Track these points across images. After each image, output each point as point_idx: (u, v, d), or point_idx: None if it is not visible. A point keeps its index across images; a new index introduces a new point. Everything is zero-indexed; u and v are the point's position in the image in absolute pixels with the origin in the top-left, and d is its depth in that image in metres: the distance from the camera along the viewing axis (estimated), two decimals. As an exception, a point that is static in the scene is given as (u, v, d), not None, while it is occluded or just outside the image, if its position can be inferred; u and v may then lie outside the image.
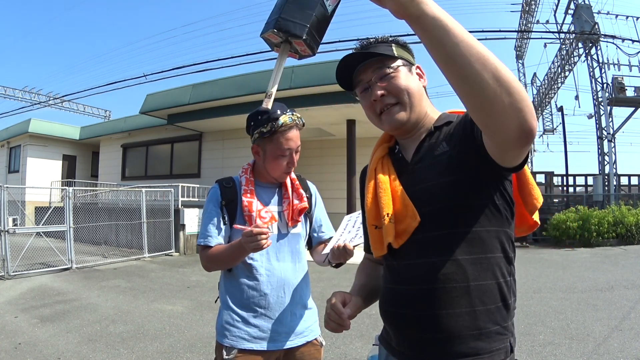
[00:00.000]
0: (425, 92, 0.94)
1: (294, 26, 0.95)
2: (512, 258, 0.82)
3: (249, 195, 1.30)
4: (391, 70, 0.88)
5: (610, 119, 13.35)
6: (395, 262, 0.86)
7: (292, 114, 1.27)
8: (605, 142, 13.19)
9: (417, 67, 0.95)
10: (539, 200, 0.89)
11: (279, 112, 1.24)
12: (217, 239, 1.28)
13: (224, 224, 1.29)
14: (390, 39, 0.94)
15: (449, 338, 0.76)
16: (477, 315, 0.76)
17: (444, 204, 0.79)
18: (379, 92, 0.88)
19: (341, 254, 1.17)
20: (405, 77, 0.89)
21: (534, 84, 18.67)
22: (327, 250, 1.23)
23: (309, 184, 1.48)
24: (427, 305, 0.78)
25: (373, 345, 0.97)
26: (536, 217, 0.92)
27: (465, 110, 0.85)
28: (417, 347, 0.80)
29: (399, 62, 0.90)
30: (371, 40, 0.94)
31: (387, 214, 0.84)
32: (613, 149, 13.14)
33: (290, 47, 1.02)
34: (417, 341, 0.80)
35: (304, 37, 0.96)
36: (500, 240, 0.80)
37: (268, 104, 1.09)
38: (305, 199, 1.37)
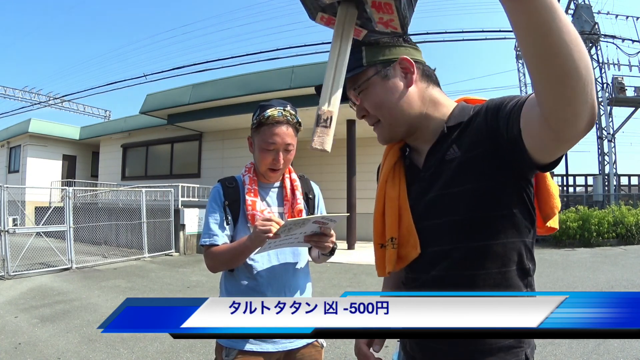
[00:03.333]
0: (418, 90, 0.80)
1: None
2: (529, 270, 0.76)
3: (252, 194, 1.28)
4: (362, 86, 0.80)
5: (610, 119, 13.37)
6: (405, 272, 0.85)
7: (284, 109, 1.23)
8: (605, 142, 13.21)
9: (404, 60, 0.78)
10: (555, 208, 0.79)
11: (273, 105, 1.23)
12: (221, 239, 1.25)
13: (227, 223, 1.27)
14: (364, 40, 0.77)
15: (456, 353, 0.75)
16: None
17: (451, 217, 0.74)
18: (359, 115, 0.85)
19: (320, 240, 1.15)
20: (379, 91, 0.78)
21: (534, 84, 18.64)
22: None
23: (313, 184, 1.45)
24: None
25: (398, 341, 0.98)
26: (553, 223, 0.82)
27: (484, 100, 0.80)
28: (429, 358, 0.80)
29: (370, 72, 0.79)
30: None
31: (392, 238, 0.82)
32: (613, 149, 13.17)
33: (357, 14, 0.58)
34: (429, 349, 0.80)
35: None
36: (518, 251, 0.74)
37: (318, 143, 0.58)
38: (299, 202, 1.34)
